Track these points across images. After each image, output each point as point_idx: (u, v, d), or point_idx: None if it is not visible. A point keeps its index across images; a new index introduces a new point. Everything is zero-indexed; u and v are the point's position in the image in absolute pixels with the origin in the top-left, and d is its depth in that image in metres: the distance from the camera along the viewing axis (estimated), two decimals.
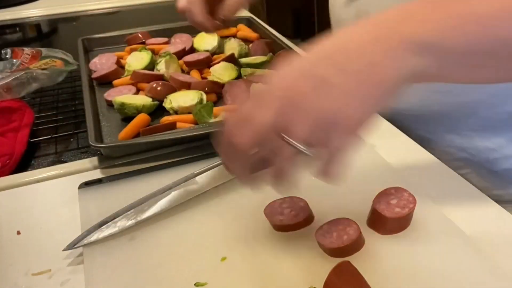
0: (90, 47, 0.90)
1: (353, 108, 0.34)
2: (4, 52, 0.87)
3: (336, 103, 0.34)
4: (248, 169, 0.38)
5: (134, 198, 0.49)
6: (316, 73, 0.34)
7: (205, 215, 0.47)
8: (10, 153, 0.59)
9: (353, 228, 0.40)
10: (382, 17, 0.36)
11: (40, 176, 0.55)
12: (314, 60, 0.36)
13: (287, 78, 0.35)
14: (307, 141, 0.34)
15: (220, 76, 0.74)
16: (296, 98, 0.34)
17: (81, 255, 0.43)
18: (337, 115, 0.34)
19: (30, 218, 0.49)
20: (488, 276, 0.38)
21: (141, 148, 0.59)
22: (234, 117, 0.36)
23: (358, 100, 0.34)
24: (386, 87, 0.34)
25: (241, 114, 0.36)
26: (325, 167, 0.36)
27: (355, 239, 0.40)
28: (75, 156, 0.61)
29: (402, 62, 0.34)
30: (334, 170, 0.36)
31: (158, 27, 0.95)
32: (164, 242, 0.44)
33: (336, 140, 0.35)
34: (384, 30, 0.35)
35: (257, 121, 0.34)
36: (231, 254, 0.42)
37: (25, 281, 0.41)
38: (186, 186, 0.49)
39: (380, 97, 0.35)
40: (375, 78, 0.34)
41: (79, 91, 0.73)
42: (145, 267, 0.41)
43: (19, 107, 0.69)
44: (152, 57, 0.78)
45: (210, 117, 0.62)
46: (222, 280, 0.39)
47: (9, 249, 0.45)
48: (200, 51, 0.84)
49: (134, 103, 0.65)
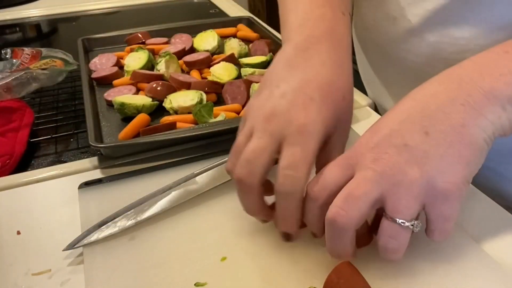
0: (90, 47, 0.90)
1: (450, 173, 0.33)
2: (4, 52, 0.86)
3: (432, 170, 0.33)
4: None
5: (134, 198, 0.49)
6: (404, 142, 0.34)
7: (205, 215, 0.47)
8: (10, 153, 0.59)
9: None
10: (458, 72, 0.36)
11: (40, 176, 0.55)
12: (397, 127, 0.35)
13: (376, 150, 0.35)
14: (412, 216, 0.34)
15: (220, 76, 0.74)
16: (394, 176, 0.33)
17: (81, 255, 0.43)
18: (436, 183, 0.33)
19: (30, 218, 0.49)
20: None
21: (141, 148, 0.59)
22: (339, 197, 0.35)
23: (453, 164, 0.33)
24: (476, 148, 0.34)
25: (348, 192, 0.34)
26: (431, 236, 0.36)
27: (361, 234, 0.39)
28: (75, 156, 0.61)
29: (487, 120, 0.34)
30: (439, 238, 0.36)
31: (158, 27, 0.94)
32: (164, 242, 0.44)
33: (439, 209, 0.34)
34: (463, 87, 0.34)
35: (362, 199, 0.34)
36: (231, 254, 0.42)
37: (25, 281, 0.41)
38: (186, 186, 0.49)
39: (473, 158, 0.34)
40: (465, 140, 0.33)
41: (79, 91, 0.73)
42: (145, 267, 0.41)
43: (19, 107, 0.69)
44: (149, 55, 0.78)
45: (210, 117, 0.62)
46: (222, 280, 0.39)
47: (9, 249, 0.45)
48: (200, 51, 0.84)
49: (134, 103, 0.65)
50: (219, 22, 0.99)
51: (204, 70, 0.78)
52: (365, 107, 0.69)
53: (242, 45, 0.85)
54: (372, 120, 0.65)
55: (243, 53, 0.84)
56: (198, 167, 0.51)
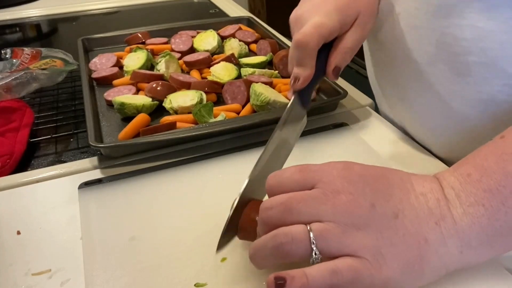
0: (90, 47, 0.90)
1: (387, 260, 0.33)
2: (4, 52, 0.87)
3: (376, 246, 0.33)
4: None
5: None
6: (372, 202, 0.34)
7: (205, 215, 0.47)
8: (10, 153, 0.59)
9: None
10: (447, 182, 0.36)
11: (40, 176, 0.55)
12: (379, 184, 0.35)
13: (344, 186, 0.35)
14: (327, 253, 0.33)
15: (220, 76, 0.74)
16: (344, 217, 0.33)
17: (81, 255, 0.43)
18: (370, 255, 0.33)
19: (30, 218, 0.49)
20: None
21: (141, 148, 0.59)
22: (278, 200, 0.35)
23: (393, 257, 0.33)
24: (423, 266, 0.34)
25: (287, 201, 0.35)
26: None
27: None
28: (75, 156, 0.61)
29: (448, 252, 0.34)
30: None
31: (158, 27, 0.95)
32: (164, 242, 0.44)
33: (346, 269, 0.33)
34: (441, 206, 0.35)
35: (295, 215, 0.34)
36: (231, 254, 0.42)
37: (25, 281, 0.41)
38: None
39: (412, 271, 0.33)
40: (419, 251, 0.33)
41: (79, 91, 0.73)
42: (145, 267, 0.41)
43: (19, 107, 0.69)
44: (148, 55, 0.78)
45: (210, 117, 0.62)
46: (222, 280, 0.39)
47: (9, 249, 0.45)
48: (200, 51, 0.84)
49: (134, 103, 0.65)
50: (219, 22, 0.99)
51: (204, 70, 0.78)
52: (365, 107, 0.69)
53: (242, 45, 0.85)
54: (372, 120, 0.66)
55: (243, 53, 0.84)
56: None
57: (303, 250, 0.33)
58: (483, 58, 0.44)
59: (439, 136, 0.55)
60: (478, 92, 0.46)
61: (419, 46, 0.50)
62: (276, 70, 0.77)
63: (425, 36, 0.49)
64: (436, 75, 0.49)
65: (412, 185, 0.36)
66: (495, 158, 0.35)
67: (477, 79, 0.46)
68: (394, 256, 0.33)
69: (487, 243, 0.34)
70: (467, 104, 0.48)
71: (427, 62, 0.50)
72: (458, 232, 0.34)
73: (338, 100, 0.66)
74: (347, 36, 0.49)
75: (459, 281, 0.38)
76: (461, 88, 0.47)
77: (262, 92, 0.64)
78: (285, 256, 0.33)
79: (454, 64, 0.47)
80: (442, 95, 0.50)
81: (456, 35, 0.45)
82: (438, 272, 0.34)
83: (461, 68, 0.46)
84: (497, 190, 0.34)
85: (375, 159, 0.55)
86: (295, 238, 0.33)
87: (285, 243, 0.33)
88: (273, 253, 0.34)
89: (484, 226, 0.34)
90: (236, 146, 0.59)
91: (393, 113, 0.64)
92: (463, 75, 0.46)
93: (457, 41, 0.45)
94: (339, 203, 0.34)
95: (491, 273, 0.39)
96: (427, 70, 0.50)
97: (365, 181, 0.35)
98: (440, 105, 0.51)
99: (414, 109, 0.56)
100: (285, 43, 0.86)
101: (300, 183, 0.36)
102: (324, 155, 0.56)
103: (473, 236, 0.34)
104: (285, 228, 0.34)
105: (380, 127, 0.64)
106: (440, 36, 0.47)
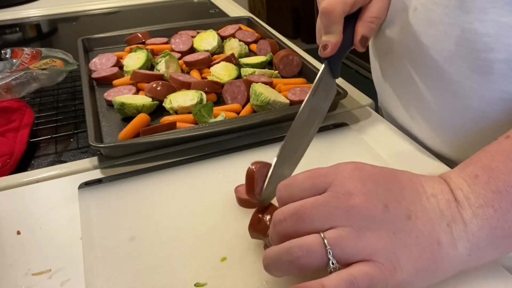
0: (90, 47, 0.90)
1: (401, 261, 0.33)
2: (4, 52, 0.86)
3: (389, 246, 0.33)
4: None
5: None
6: (385, 203, 0.33)
7: (205, 215, 0.47)
8: (10, 153, 0.59)
9: None
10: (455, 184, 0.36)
11: (40, 176, 0.55)
12: (392, 185, 0.35)
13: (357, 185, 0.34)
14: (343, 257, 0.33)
15: (220, 76, 0.74)
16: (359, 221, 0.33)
17: (81, 255, 0.43)
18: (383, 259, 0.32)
19: (30, 218, 0.49)
20: None
21: (141, 148, 0.59)
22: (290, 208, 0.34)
23: (407, 258, 0.33)
24: (436, 268, 0.33)
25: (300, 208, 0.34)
26: None
27: None
28: (75, 156, 0.61)
29: (458, 253, 0.34)
30: None
31: (158, 27, 0.95)
32: (164, 242, 0.44)
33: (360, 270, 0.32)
34: (452, 208, 0.34)
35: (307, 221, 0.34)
36: (231, 254, 0.42)
37: (25, 281, 0.41)
38: None
39: (426, 273, 0.33)
40: (432, 253, 0.33)
41: (79, 91, 0.73)
42: (145, 267, 0.41)
43: (19, 107, 0.69)
44: (148, 55, 0.78)
45: (210, 117, 0.62)
46: (222, 280, 0.39)
47: (9, 249, 0.45)
48: (200, 51, 0.84)
49: (134, 103, 0.65)
50: (219, 22, 0.99)
51: (204, 70, 0.78)
52: (365, 107, 0.69)
53: (242, 45, 0.85)
54: (372, 120, 0.66)
55: (243, 53, 0.84)
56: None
57: (319, 261, 0.32)
58: (506, 55, 0.43)
59: (451, 135, 0.54)
60: (499, 90, 0.45)
61: (437, 43, 0.49)
62: (276, 70, 0.77)
63: (444, 32, 0.47)
64: (454, 73, 0.48)
65: (422, 186, 0.36)
66: (503, 158, 0.35)
67: (499, 76, 0.44)
68: (408, 258, 0.33)
69: (494, 244, 0.34)
70: (487, 103, 0.47)
71: (445, 60, 0.48)
72: (468, 235, 0.34)
73: (338, 100, 0.66)
74: (371, 5, 0.51)
75: (459, 281, 0.38)
76: (481, 86, 0.46)
77: (262, 92, 0.64)
78: (301, 268, 0.33)
79: (474, 61, 0.45)
80: (460, 94, 0.49)
81: (478, 31, 0.44)
82: (446, 273, 0.34)
83: (483, 65, 0.45)
84: (506, 191, 0.33)
85: (375, 159, 0.55)
86: (311, 251, 0.32)
87: (300, 256, 0.32)
88: (289, 267, 0.33)
89: (494, 227, 0.33)
90: (236, 146, 0.59)
91: (399, 113, 0.63)
92: (484, 73, 0.45)
93: (479, 37, 0.44)
94: (352, 205, 0.33)
95: (491, 273, 0.39)
96: (445, 67, 0.49)
97: (377, 181, 0.35)
98: (458, 104, 0.50)
99: (428, 108, 0.55)
100: (285, 43, 0.86)
101: (312, 190, 0.35)
102: (324, 155, 0.56)
103: (482, 238, 0.34)
104: (299, 240, 0.33)
105: (380, 127, 0.64)
106: (461, 32, 0.45)
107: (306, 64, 0.77)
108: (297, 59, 0.77)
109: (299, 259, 0.33)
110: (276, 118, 0.61)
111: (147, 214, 0.48)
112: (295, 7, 3.40)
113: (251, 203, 0.46)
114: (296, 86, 0.71)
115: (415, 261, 0.33)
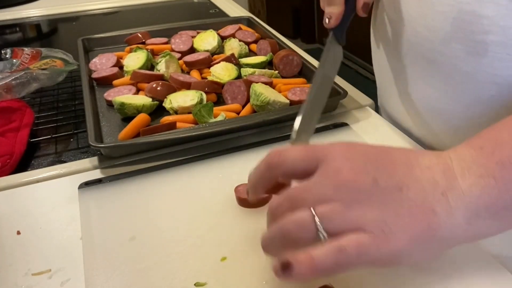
0: (90, 47, 0.90)
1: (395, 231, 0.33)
2: (4, 52, 0.87)
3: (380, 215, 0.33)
4: None
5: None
6: (375, 177, 0.34)
7: (205, 215, 0.47)
8: (10, 153, 0.59)
9: None
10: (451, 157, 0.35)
11: (40, 176, 0.55)
12: (382, 159, 0.35)
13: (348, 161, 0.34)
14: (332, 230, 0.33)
15: (220, 76, 0.74)
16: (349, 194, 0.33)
17: (81, 255, 0.43)
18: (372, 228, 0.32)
19: (30, 218, 0.49)
20: None
21: (141, 148, 0.59)
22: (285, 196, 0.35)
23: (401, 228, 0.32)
24: (432, 237, 0.33)
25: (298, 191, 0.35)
26: None
27: None
28: (75, 156, 0.61)
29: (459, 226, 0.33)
30: None
31: (158, 27, 0.95)
32: (164, 242, 0.44)
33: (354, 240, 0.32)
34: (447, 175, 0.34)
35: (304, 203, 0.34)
36: (231, 254, 0.42)
37: (25, 281, 0.41)
38: None
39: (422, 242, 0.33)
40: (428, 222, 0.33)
41: (79, 91, 0.73)
42: (145, 267, 0.41)
43: (19, 107, 0.69)
44: (148, 55, 0.78)
45: (210, 117, 0.62)
46: (222, 280, 0.39)
47: (9, 249, 0.45)
48: (200, 51, 0.84)
49: (134, 103, 0.65)
50: (219, 22, 0.99)
51: (204, 70, 0.78)
52: (365, 107, 0.69)
53: (242, 45, 0.85)
54: (372, 120, 0.66)
55: (243, 53, 0.84)
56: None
57: (311, 234, 0.33)
58: (502, 37, 0.43)
59: (446, 121, 0.53)
60: (493, 74, 0.45)
61: (433, 24, 0.48)
62: (276, 70, 0.77)
63: (441, 13, 0.47)
64: (449, 55, 0.48)
65: (417, 160, 0.36)
66: (510, 131, 0.35)
67: (494, 60, 0.44)
68: (402, 227, 0.32)
69: (496, 215, 0.34)
70: (480, 87, 0.47)
71: (441, 41, 0.48)
72: (465, 203, 0.33)
73: (338, 100, 0.66)
74: None
75: (460, 281, 0.38)
76: (475, 69, 0.46)
77: (262, 92, 0.64)
78: (295, 243, 0.33)
79: (470, 43, 0.45)
80: (454, 77, 0.49)
81: (476, 12, 0.44)
82: (447, 243, 0.34)
83: (478, 47, 0.45)
84: (509, 163, 0.33)
85: None
86: (301, 225, 0.33)
87: (292, 231, 0.33)
88: (283, 242, 0.34)
89: (494, 197, 0.33)
90: (236, 146, 0.59)
91: (395, 106, 0.62)
92: (479, 56, 0.45)
93: (477, 19, 0.44)
94: (340, 180, 0.33)
95: (491, 273, 0.39)
96: (440, 49, 0.49)
97: (367, 158, 0.35)
98: (450, 88, 0.50)
99: (422, 93, 0.54)
100: (285, 43, 0.86)
101: (305, 161, 0.35)
102: None
103: (481, 207, 0.33)
104: (291, 216, 0.33)
105: (380, 127, 0.64)
106: (458, 13, 0.45)
107: (306, 64, 0.77)
108: (297, 59, 0.77)
109: (290, 233, 0.33)
110: (276, 118, 0.61)
111: (147, 214, 0.48)
112: (295, 7, 3.40)
113: (251, 203, 0.46)
114: (296, 86, 0.71)
115: (409, 230, 0.33)
